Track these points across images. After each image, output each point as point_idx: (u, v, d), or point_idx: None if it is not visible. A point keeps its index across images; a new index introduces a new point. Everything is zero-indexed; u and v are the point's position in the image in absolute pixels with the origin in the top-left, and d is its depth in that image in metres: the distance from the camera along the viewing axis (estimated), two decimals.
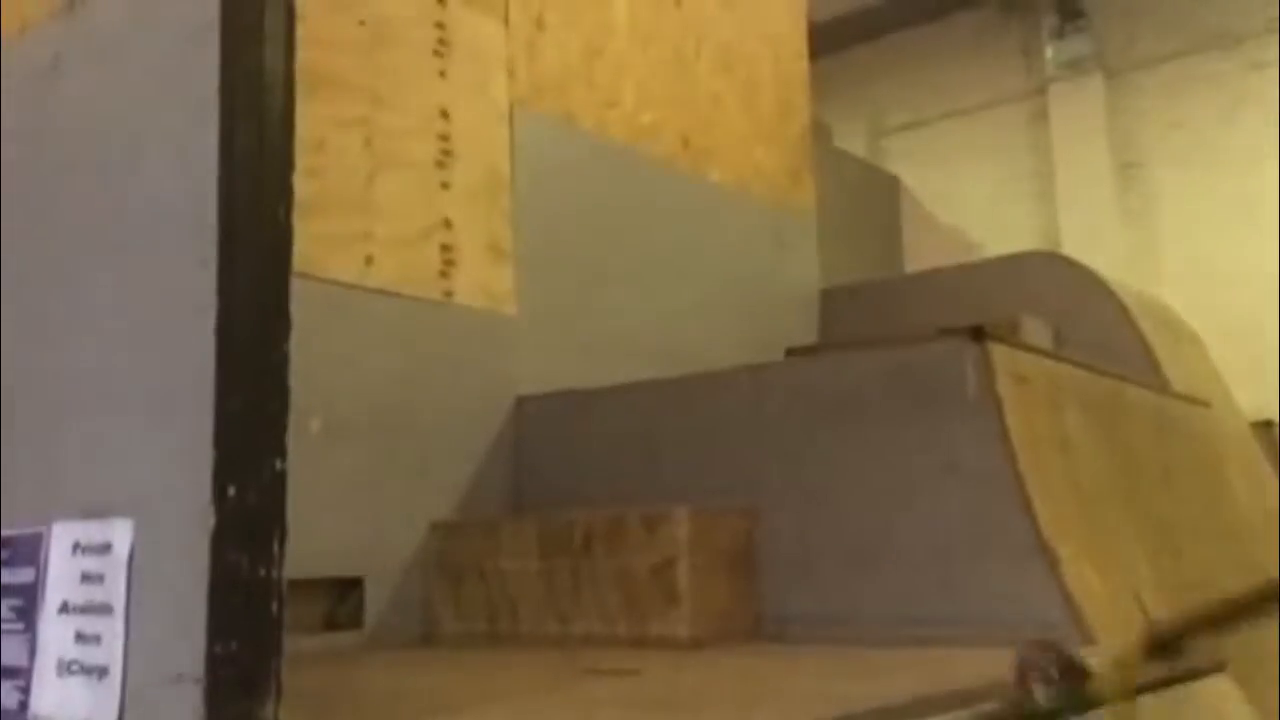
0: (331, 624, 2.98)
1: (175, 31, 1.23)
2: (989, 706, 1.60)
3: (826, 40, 7.08)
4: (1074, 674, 1.56)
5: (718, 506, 2.76)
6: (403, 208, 3.36)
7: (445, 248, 3.44)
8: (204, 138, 1.11)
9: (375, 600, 3.05)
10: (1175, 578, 2.98)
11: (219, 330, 1.07)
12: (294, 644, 1.10)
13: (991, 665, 2.02)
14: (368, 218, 3.27)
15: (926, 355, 2.74)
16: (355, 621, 3.01)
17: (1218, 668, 2.18)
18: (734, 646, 2.57)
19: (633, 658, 2.35)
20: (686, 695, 2.01)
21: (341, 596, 3.02)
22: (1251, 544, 3.76)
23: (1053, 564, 2.39)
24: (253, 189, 1.09)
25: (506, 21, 3.76)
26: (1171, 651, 1.86)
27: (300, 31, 1.18)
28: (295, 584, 1.10)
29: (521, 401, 3.39)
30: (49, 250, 1.37)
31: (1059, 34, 9.31)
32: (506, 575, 2.91)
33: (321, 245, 3.05)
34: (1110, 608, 2.50)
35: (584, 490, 3.09)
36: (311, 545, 1.23)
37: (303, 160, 1.16)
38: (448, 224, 3.47)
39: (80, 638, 1.19)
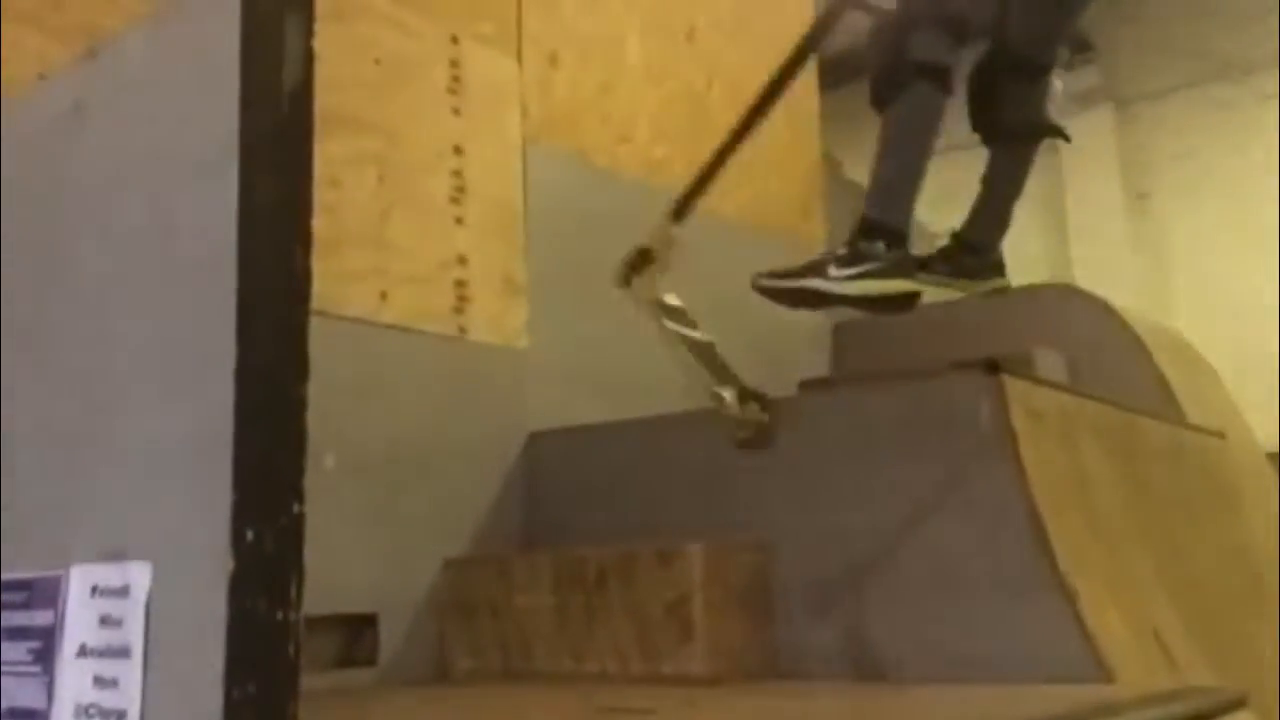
0: (346, 661, 2.98)
1: (195, 80, 1.25)
2: None
3: (836, 74, 7.12)
4: None
5: (731, 542, 2.75)
6: (416, 244, 3.38)
7: (459, 283, 3.46)
8: (224, 184, 1.12)
9: (389, 637, 3.04)
10: (1193, 610, 2.95)
11: (238, 375, 1.07)
12: (308, 681, 1.10)
13: (1009, 703, 2.00)
14: (382, 254, 3.29)
15: (940, 389, 2.73)
16: (369, 659, 3.00)
17: (1240, 703, 2.15)
18: (749, 684, 2.55)
19: (647, 696, 2.34)
20: None
21: (356, 633, 3.02)
22: (1269, 575, 3.72)
23: (1070, 600, 2.37)
24: (272, 238, 1.10)
25: (519, 58, 3.80)
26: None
27: (316, 72, 1.20)
28: (309, 621, 1.11)
29: (534, 437, 3.40)
30: (67, 295, 1.38)
31: (1067, 66, 9.35)
32: (520, 612, 2.91)
33: (335, 282, 3.07)
34: (1130, 644, 2.48)
35: (597, 525, 3.08)
36: (325, 582, 1.24)
37: (317, 197, 1.17)
38: (461, 259, 3.50)
39: (98, 681, 1.19)
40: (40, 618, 1.30)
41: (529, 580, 2.88)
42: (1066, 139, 1.95)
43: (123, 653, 1.17)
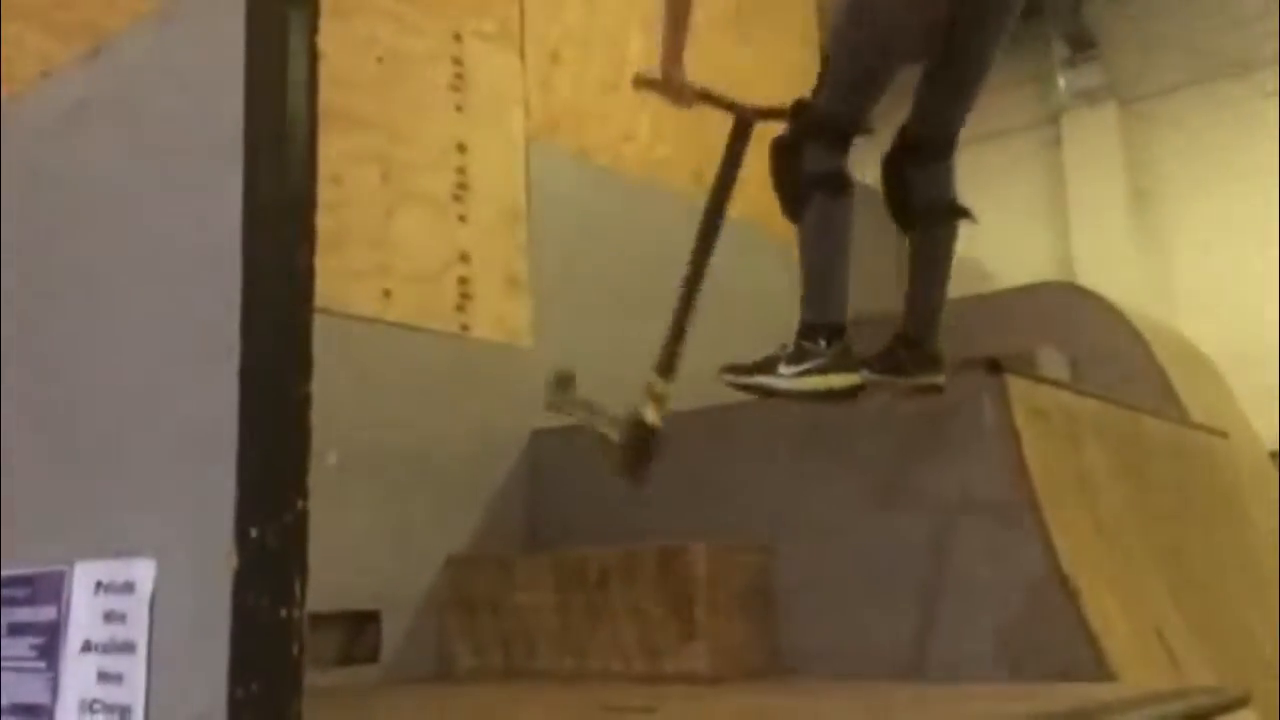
0: (348, 658, 2.98)
1: (199, 76, 1.25)
2: None
3: None
4: None
5: (734, 541, 2.75)
6: (420, 241, 3.38)
7: (462, 281, 3.46)
8: (228, 183, 1.13)
9: (391, 634, 3.04)
10: (1196, 608, 2.95)
11: (242, 373, 1.08)
12: (310, 678, 1.10)
13: (1013, 702, 2.00)
14: (385, 252, 3.29)
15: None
16: (372, 656, 3.01)
17: (1242, 702, 2.15)
18: (751, 683, 2.56)
19: (649, 695, 2.34)
20: None
21: (358, 630, 3.02)
22: (1271, 573, 3.72)
23: (1072, 599, 2.37)
24: (276, 235, 1.10)
25: (522, 57, 3.80)
26: None
27: (319, 70, 1.20)
28: (312, 618, 1.11)
29: (537, 435, 3.40)
30: (71, 293, 1.38)
31: (1071, 63, 9.33)
32: (522, 610, 2.91)
33: (338, 279, 3.07)
34: (1132, 643, 2.48)
35: (599, 524, 3.08)
36: (328, 579, 1.24)
37: (321, 195, 1.17)
38: (465, 257, 3.50)
39: (103, 677, 1.20)
40: (44, 613, 1.30)
41: (531, 579, 2.88)
42: (973, 220, 1.97)
43: (127, 648, 1.18)
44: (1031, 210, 9.46)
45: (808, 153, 1.96)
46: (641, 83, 2.29)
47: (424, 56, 3.46)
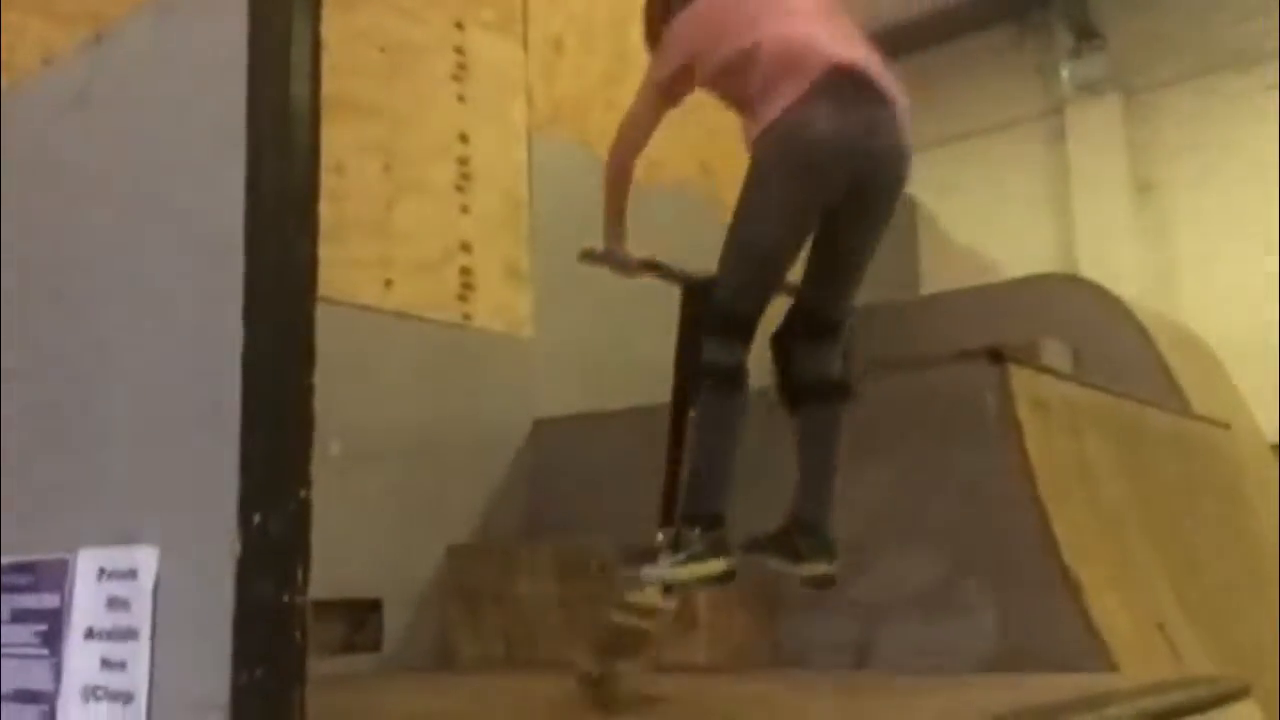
0: (350, 646, 2.99)
1: (202, 64, 1.25)
2: None
3: None
4: None
5: (735, 532, 2.75)
6: (422, 231, 3.38)
7: (464, 270, 3.46)
8: (230, 170, 1.12)
9: (393, 623, 3.05)
10: (1197, 599, 2.95)
11: (245, 361, 1.08)
12: (312, 666, 1.10)
13: (1014, 692, 2.00)
14: (387, 241, 3.29)
15: (944, 378, 2.73)
16: (374, 644, 3.02)
17: (1242, 693, 2.16)
18: (752, 672, 2.56)
19: (651, 684, 2.34)
20: None
21: (360, 619, 3.03)
22: (1271, 564, 3.72)
23: (1074, 590, 2.37)
24: (278, 222, 1.10)
25: (525, 46, 3.79)
26: None
27: (322, 58, 1.19)
28: (314, 606, 1.11)
29: (539, 424, 3.40)
30: (73, 281, 1.38)
31: (1075, 54, 9.30)
32: (523, 600, 2.91)
33: (341, 269, 3.07)
34: (1132, 633, 2.48)
35: (600, 513, 3.08)
36: (330, 567, 1.24)
37: (323, 184, 1.17)
38: (466, 247, 3.50)
39: (106, 663, 1.20)
40: (47, 600, 1.30)
41: (532, 569, 2.88)
42: (854, 400, 2.03)
43: (130, 635, 1.18)
44: (1034, 201, 9.44)
45: (707, 346, 2.00)
46: (587, 257, 2.38)
47: (426, 46, 3.45)
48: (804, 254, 2.12)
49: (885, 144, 2.02)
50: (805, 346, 2.03)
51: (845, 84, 1.99)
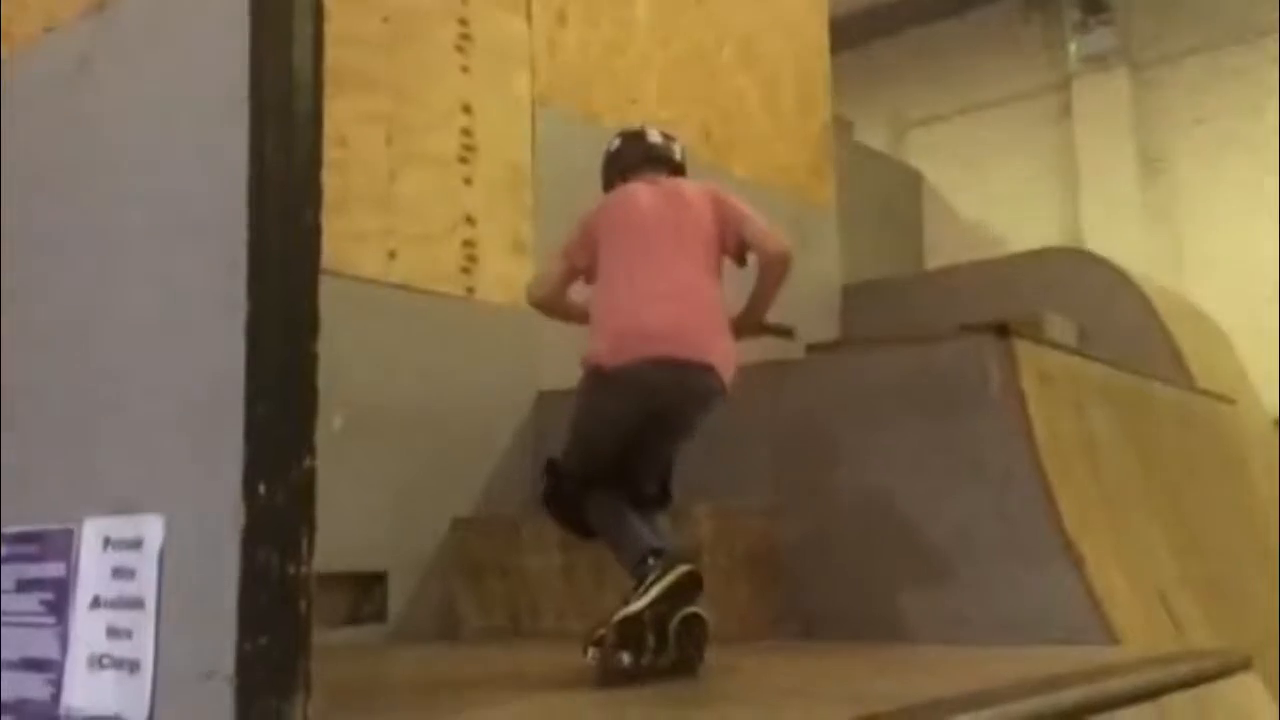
0: (355, 618, 3.00)
1: (204, 33, 1.24)
2: (1014, 706, 1.59)
3: (848, 35, 7.05)
4: None
5: (738, 504, 2.76)
6: (425, 203, 3.37)
7: (467, 243, 3.45)
8: (234, 139, 1.12)
9: (398, 595, 3.06)
10: (1200, 573, 2.96)
11: (249, 330, 1.07)
12: (317, 637, 1.11)
13: (1016, 665, 2.01)
14: (390, 213, 3.28)
15: (949, 352, 2.73)
16: (378, 616, 3.03)
17: (1244, 665, 2.16)
18: (756, 644, 2.57)
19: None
20: (713, 694, 2.01)
21: (365, 591, 3.04)
22: (1273, 537, 3.73)
23: (1077, 564, 2.38)
24: (282, 191, 1.09)
25: (529, 17, 3.77)
26: None
27: (325, 28, 1.18)
28: (319, 578, 1.11)
29: (543, 396, 3.40)
30: (76, 251, 1.37)
31: (1083, 28, 9.22)
32: (528, 571, 2.92)
33: (344, 241, 3.06)
34: (1135, 607, 2.49)
35: None
36: (335, 540, 1.24)
37: (325, 156, 1.16)
38: (470, 220, 3.48)
39: (112, 632, 1.20)
40: (52, 569, 1.31)
41: (537, 540, 2.89)
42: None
43: (136, 604, 1.18)
44: (1041, 176, 9.39)
45: (566, 486, 2.35)
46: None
47: (430, 16, 3.43)
48: None
49: (693, 388, 2.29)
50: (642, 513, 2.31)
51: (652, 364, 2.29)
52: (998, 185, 9.12)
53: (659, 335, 2.29)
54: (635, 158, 2.64)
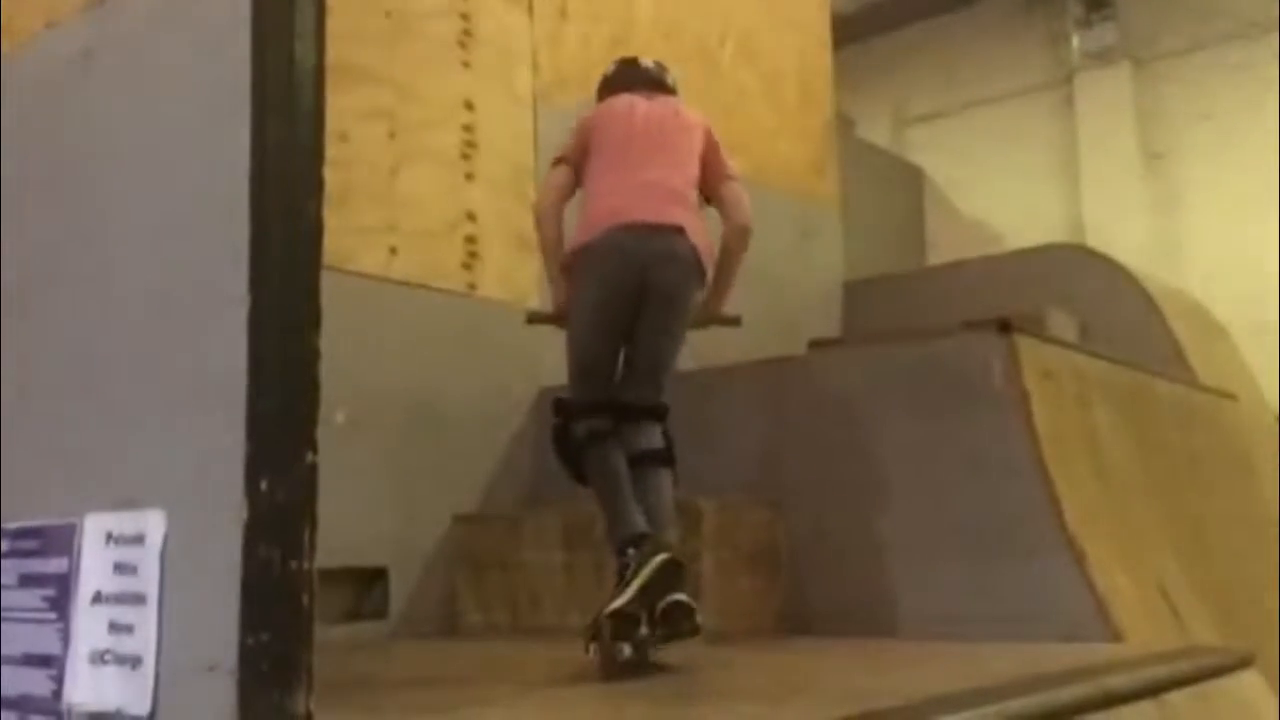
0: (356, 614, 3.01)
1: (207, 26, 1.23)
2: (1015, 703, 1.59)
3: (850, 30, 7.04)
4: None
5: (741, 500, 2.76)
6: (427, 200, 3.37)
7: (469, 239, 3.45)
8: (235, 133, 1.11)
9: (399, 591, 3.07)
10: (1202, 570, 2.96)
11: (251, 324, 1.07)
12: (320, 633, 1.10)
13: (1017, 661, 2.01)
14: (392, 210, 3.28)
15: (951, 348, 2.72)
16: (380, 612, 3.03)
17: (1246, 662, 2.16)
18: (758, 640, 2.57)
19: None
20: (714, 689, 2.01)
21: (366, 587, 3.05)
22: (1275, 533, 3.73)
23: (1079, 560, 2.38)
24: (284, 184, 1.09)
25: (530, 12, 3.76)
26: None
27: (326, 24, 1.18)
28: (321, 574, 1.11)
29: (544, 393, 3.40)
30: (78, 245, 1.37)
31: (1085, 23, 9.21)
32: (529, 567, 2.92)
33: (345, 237, 3.06)
34: (1137, 603, 2.49)
35: None
36: (336, 535, 1.24)
37: (327, 152, 1.16)
38: (471, 216, 3.48)
39: (114, 627, 1.20)
40: (54, 565, 1.31)
41: (538, 536, 2.89)
42: (673, 468, 2.37)
43: (138, 599, 1.18)
44: (1043, 171, 9.38)
45: (580, 425, 2.37)
46: (535, 319, 2.71)
47: (432, 11, 3.43)
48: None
49: (661, 249, 2.36)
50: (631, 425, 2.35)
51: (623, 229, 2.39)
52: (999, 181, 9.11)
53: (630, 208, 2.39)
54: (630, 78, 2.71)
